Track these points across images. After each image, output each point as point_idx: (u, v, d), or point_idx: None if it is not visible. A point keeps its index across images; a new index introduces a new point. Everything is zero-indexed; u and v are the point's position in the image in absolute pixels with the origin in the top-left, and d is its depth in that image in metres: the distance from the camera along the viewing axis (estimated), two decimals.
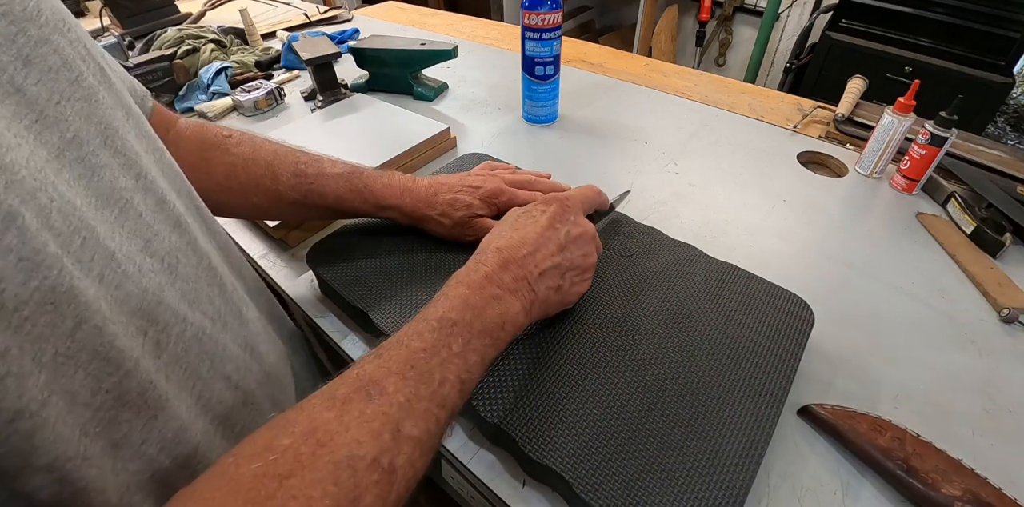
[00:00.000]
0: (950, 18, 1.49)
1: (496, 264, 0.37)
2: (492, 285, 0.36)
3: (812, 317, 0.44)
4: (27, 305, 0.19)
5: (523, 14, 0.71)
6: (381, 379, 0.28)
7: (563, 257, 0.40)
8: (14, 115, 0.22)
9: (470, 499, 0.43)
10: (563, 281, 0.40)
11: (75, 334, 0.21)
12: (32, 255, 0.20)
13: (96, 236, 0.24)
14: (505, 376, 0.40)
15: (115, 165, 0.27)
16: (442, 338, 0.31)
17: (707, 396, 0.38)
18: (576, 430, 0.37)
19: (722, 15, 2.26)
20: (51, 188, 0.22)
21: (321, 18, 1.23)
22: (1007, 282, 0.53)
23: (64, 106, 0.24)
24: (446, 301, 0.34)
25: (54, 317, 0.20)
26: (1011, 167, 0.67)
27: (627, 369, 0.40)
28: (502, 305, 0.35)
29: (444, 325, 0.32)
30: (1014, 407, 0.43)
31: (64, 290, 0.21)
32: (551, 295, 0.39)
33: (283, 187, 0.47)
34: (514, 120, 0.83)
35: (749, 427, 0.36)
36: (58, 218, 0.22)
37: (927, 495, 0.36)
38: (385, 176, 0.49)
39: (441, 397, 0.29)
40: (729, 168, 0.71)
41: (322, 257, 0.52)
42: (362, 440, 0.25)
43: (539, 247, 0.39)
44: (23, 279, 0.19)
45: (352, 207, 0.49)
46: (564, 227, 0.41)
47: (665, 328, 0.43)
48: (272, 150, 0.48)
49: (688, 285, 0.47)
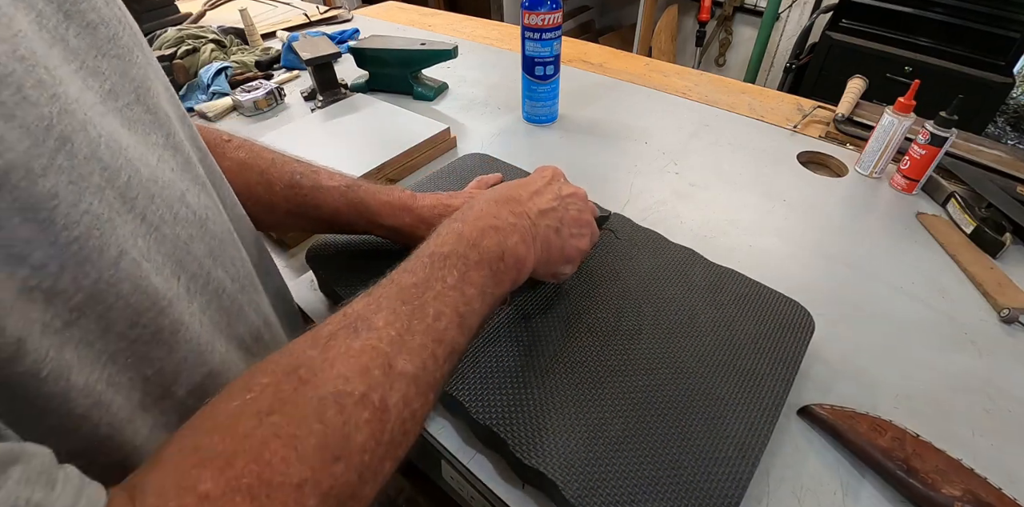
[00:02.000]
0: (950, 18, 1.48)
1: (493, 200, 0.36)
2: (490, 217, 0.35)
3: (812, 325, 0.44)
4: (77, 225, 0.20)
5: (523, 14, 0.71)
6: (370, 315, 0.27)
7: (559, 204, 0.40)
8: (63, 60, 0.22)
9: (470, 499, 0.43)
10: (561, 225, 0.39)
11: (119, 263, 0.22)
12: (79, 180, 0.20)
13: (140, 176, 0.24)
14: (498, 378, 0.40)
15: (147, 121, 0.27)
16: (434, 272, 0.30)
17: (702, 404, 0.38)
18: (568, 435, 0.36)
19: (722, 15, 2.26)
20: (100, 124, 0.22)
21: (321, 18, 1.23)
22: (1007, 282, 0.53)
23: (101, 60, 0.25)
24: (437, 237, 0.33)
25: (101, 243, 0.21)
26: (1011, 167, 0.67)
27: (622, 375, 0.40)
28: (500, 234, 0.34)
29: (436, 259, 0.31)
30: (1014, 407, 0.43)
31: (107, 219, 0.21)
32: (551, 235, 0.38)
33: (276, 197, 0.45)
34: (514, 120, 0.83)
35: (744, 436, 0.36)
36: (106, 152, 0.22)
37: (927, 495, 0.36)
38: (384, 192, 0.48)
39: (437, 331, 0.28)
40: (729, 168, 0.71)
41: (322, 256, 0.51)
42: (349, 376, 0.24)
43: (539, 191, 0.39)
44: (74, 200, 0.20)
45: (348, 222, 0.47)
46: (557, 184, 0.42)
47: (662, 334, 0.43)
48: (269, 158, 0.47)
49: (686, 291, 0.46)
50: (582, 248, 0.41)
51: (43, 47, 0.21)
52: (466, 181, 0.59)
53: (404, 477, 1.19)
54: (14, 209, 0.18)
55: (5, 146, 0.18)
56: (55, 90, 0.20)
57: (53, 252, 0.19)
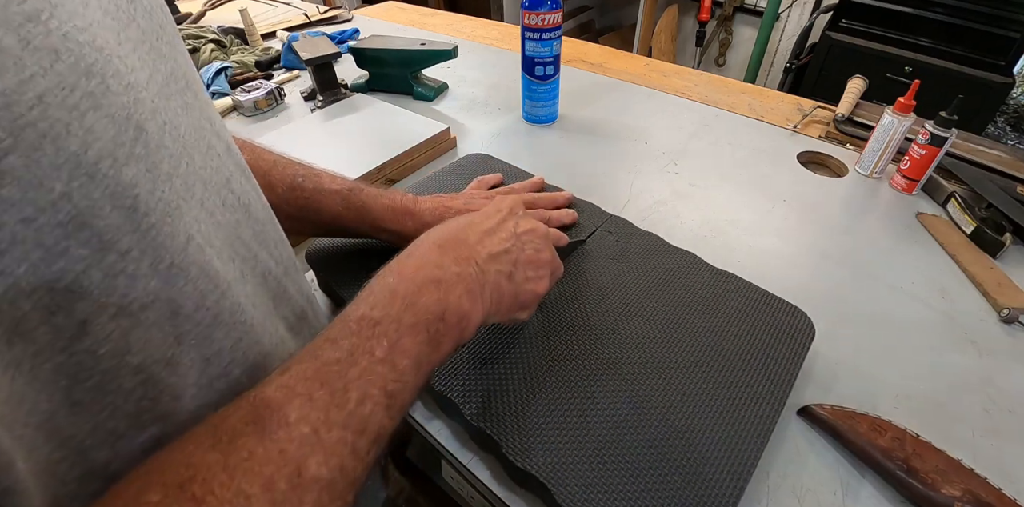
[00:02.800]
0: (950, 18, 1.48)
1: (436, 245, 0.33)
2: (431, 267, 0.31)
3: (813, 331, 0.43)
4: (154, 212, 0.20)
5: (523, 14, 0.71)
6: (282, 404, 0.23)
7: (513, 244, 0.36)
8: (138, 40, 0.22)
9: (470, 499, 0.43)
10: (514, 270, 0.35)
11: (187, 248, 0.22)
12: (153, 168, 0.21)
13: (195, 164, 0.24)
14: (492, 381, 0.39)
15: (197, 107, 0.27)
16: (361, 343, 0.27)
17: (696, 409, 0.37)
18: (560, 437, 0.36)
19: (722, 15, 2.26)
20: (166, 111, 0.23)
21: (321, 18, 1.23)
22: (1007, 282, 0.53)
23: (162, 44, 0.25)
24: (370, 295, 0.29)
25: (173, 229, 0.21)
26: (1011, 167, 0.67)
27: (617, 377, 0.39)
28: (441, 289, 0.30)
29: (364, 326, 0.27)
30: (1014, 407, 0.43)
31: (176, 206, 0.22)
32: (503, 281, 0.34)
33: (278, 200, 0.45)
34: (514, 120, 0.83)
35: (738, 442, 0.36)
36: (169, 140, 0.22)
37: (927, 495, 0.36)
38: (386, 196, 0.47)
39: (360, 420, 0.25)
40: (729, 168, 0.71)
41: (322, 256, 0.51)
42: (251, 492, 0.21)
43: (489, 231, 0.35)
44: (151, 188, 0.20)
45: (348, 226, 0.47)
46: (514, 219, 0.38)
47: (659, 338, 0.42)
48: (271, 160, 0.47)
49: (686, 294, 0.46)
50: (539, 292, 0.37)
51: (114, 34, 0.21)
52: (466, 181, 0.59)
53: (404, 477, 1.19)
54: (106, 197, 0.18)
55: (94, 136, 0.18)
56: (129, 79, 0.20)
57: (136, 238, 0.20)
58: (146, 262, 0.20)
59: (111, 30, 0.21)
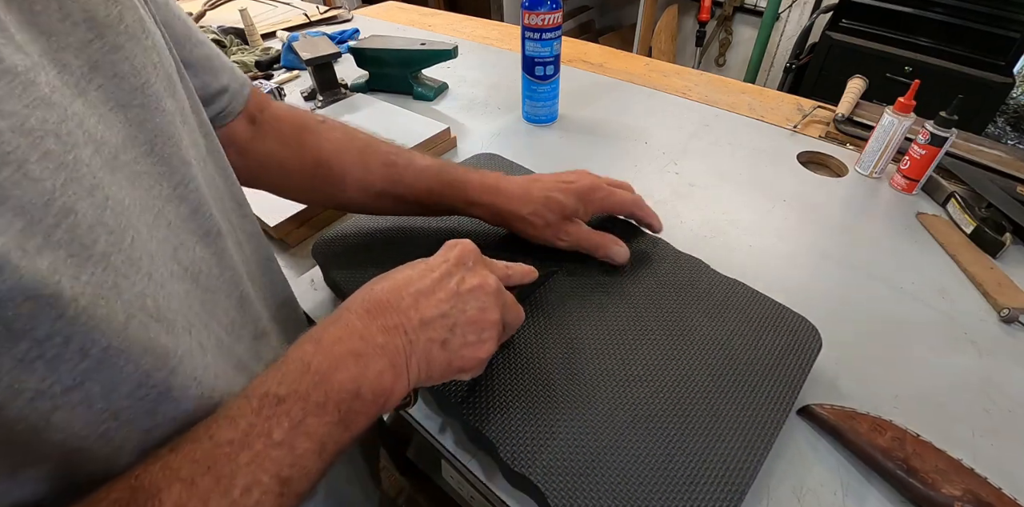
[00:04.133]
0: (950, 18, 1.48)
1: (364, 309, 0.30)
2: (353, 338, 0.28)
3: (819, 342, 0.43)
4: (83, 296, 0.20)
5: (523, 14, 0.71)
6: (160, 488, 0.22)
7: (453, 306, 0.32)
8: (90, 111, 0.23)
9: (470, 499, 0.43)
10: (451, 335, 0.32)
11: (127, 328, 0.22)
12: (81, 251, 0.20)
13: (141, 236, 0.24)
14: (490, 382, 0.39)
15: (155, 173, 0.27)
16: (259, 423, 0.24)
17: (697, 417, 0.37)
18: (556, 440, 0.36)
19: (722, 15, 2.26)
20: (110, 186, 0.22)
21: (321, 18, 1.23)
22: (1007, 282, 0.53)
23: (118, 113, 0.25)
24: (281, 367, 0.27)
25: (108, 310, 0.21)
26: (1011, 167, 0.67)
27: (617, 383, 0.39)
28: (361, 364, 0.28)
29: (267, 404, 0.25)
30: (1014, 407, 0.43)
31: (111, 285, 0.21)
32: (435, 350, 0.31)
33: (373, 176, 0.46)
34: (514, 120, 0.83)
35: (739, 453, 0.35)
36: (111, 216, 0.22)
37: (927, 495, 0.36)
38: (476, 172, 0.48)
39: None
40: (729, 168, 0.71)
41: (328, 251, 0.51)
42: None
43: (426, 291, 0.32)
44: (75, 273, 0.20)
45: (441, 201, 0.47)
46: (459, 273, 0.33)
47: (662, 344, 0.42)
48: (364, 140, 0.48)
49: (691, 300, 0.45)
50: (480, 357, 0.33)
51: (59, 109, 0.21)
52: None
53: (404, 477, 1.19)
54: (17, 288, 0.18)
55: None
56: (64, 158, 0.20)
57: (61, 324, 0.19)
58: (73, 346, 0.20)
59: (55, 106, 0.20)
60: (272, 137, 0.46)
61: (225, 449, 0.23)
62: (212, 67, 0.39)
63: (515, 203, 0.46)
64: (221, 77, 0.40)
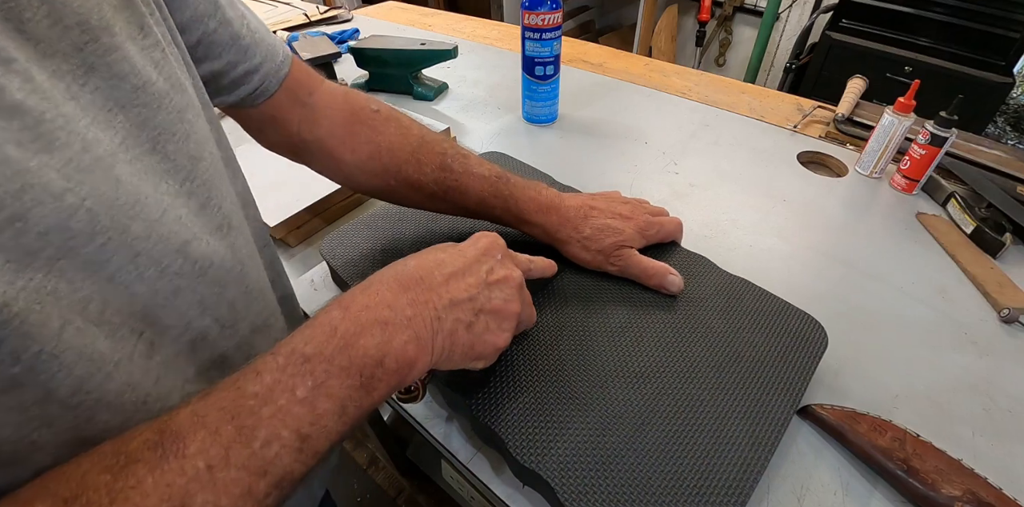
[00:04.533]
0: (950, 18, 1.49)
1: (396, 282, 0.30)
2: (382, 307, 0.28)
3: (825, 341, 0.43)
4: (16, 302, 0.20)
5: (523, 14, 0.71)
6: (186, 433, 0.22)
7: (480, 292, 0.33)
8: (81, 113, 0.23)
9: (470, 499, 0.43)
10: (476, 320, 0.32)
11: (62, 334, 0.22)
12: (23, 257, 0.20)
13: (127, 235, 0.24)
14: (501, 378, 0.39)
15: (160, 170, 0.27)
16: (284, 379, 0.25)
17: (705, 414, 0.37)
18: (568, 437, 0.36)
19: (722, 15, 2.26)
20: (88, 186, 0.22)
21: (321, 18, 1.23)
22: (1007, 282, 0.53)
23: (117, 114, 0.25)
24: (307, 328, 0.27)
25: (43, 316, 0.21)
26: (1011, 167, 0.67)
27: (626, 380, 0.39)
28: (386, 332, 0.28)
29: (293, 361, 0.25)
30: (1014, 407, 0.43)
31: (50, 291, 0.21)
32: (460, 331, 0.31)
33: (425, 179, 0.45)
34: (514, 120, 0.84)
35: (746, 450, 0.35)
36: (82, 218, 0.22)
37: (927, 495, 0.36)
38: (532, 188, 0.47)
39: (262, 461, 0.23)
40: (729, 168, 0.71)
41: (336, 249, 0.52)
42: None
43: (458, 274, 0.32)
44: (10, 279, 0.20)
45: (492, 213, 0.46)
46: (489, 262, 0.35)
47: (669, 341, 0.42)
48: (419, 136, 0.46)
49: (697, 298, 0.45)
50: (498, 345, 0.34)
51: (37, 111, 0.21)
52: None
53: (404, 477, 1.19)
54: None
55: None
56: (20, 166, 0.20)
57: None
58: (3, 350, 0.20)
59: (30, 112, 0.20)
60: (323, 126, 0.45)
61: (250, 401, 0.24)
62: (240, 47, 0.38)
63: (568, 227, 0.46)
64: (252, 57, 0.39)
